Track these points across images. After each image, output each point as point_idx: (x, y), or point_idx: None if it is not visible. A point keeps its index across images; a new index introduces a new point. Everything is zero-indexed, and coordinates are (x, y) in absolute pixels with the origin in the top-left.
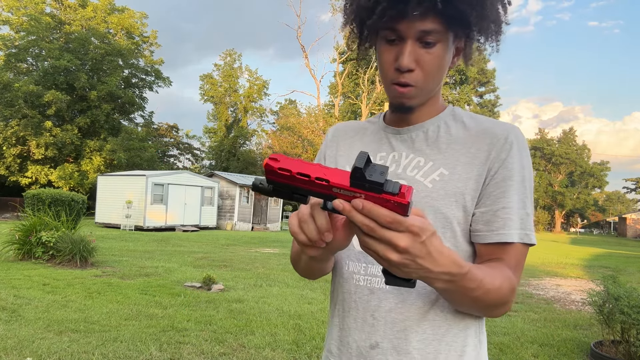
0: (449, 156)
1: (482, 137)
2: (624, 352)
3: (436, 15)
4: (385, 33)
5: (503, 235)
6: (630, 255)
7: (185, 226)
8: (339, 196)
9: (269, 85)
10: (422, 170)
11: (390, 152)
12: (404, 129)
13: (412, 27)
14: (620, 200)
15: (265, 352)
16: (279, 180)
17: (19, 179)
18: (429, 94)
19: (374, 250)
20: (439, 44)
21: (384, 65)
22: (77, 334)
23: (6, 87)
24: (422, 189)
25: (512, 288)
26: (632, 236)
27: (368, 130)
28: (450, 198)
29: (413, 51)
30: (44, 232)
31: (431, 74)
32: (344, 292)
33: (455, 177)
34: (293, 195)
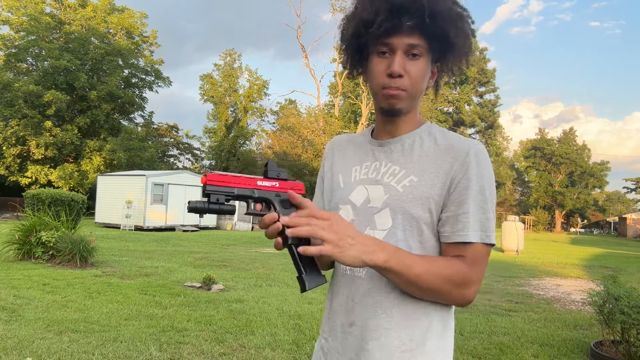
0: (419, 166)
1: (448, 150)
2: (624, 352)
3: (421, 32)
4: (378, 47)
5: (463, 236)
6: (630, 255)
7: (185, 226)
8: (262, 188)
9: (269, 85)
10: (396, 177)
11: (373, 162)
12: (385, 142)
13: (401, 41)
14: (620, 200)
15: (265, 352)
16: (218, 183)
17: (19, 179)
18: (413, 101)
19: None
20: (422, 57)
21: (376, 74)
22: (77, 334)
23: (6, 87)
24: (394, 192)
25: (464, 279)
26: (632, 236)
27: (358, 141)
28: (417, 201)
29: (402, 61)
30: (43, 232)
31: (417, 81)
32: (335, 280)
33: (422, 184)
34: (224, 204)
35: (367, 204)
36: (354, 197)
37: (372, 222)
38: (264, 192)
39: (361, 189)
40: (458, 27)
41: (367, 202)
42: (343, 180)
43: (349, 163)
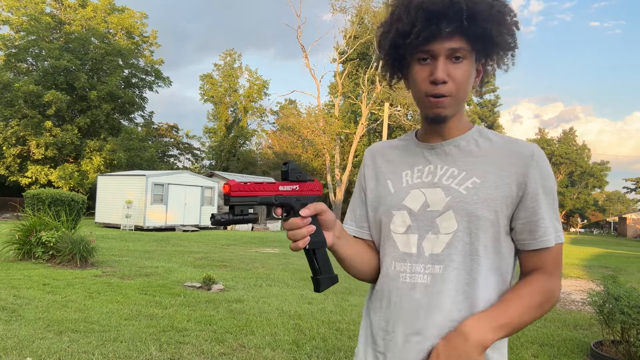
0: (480, 167)
1: (509, 153)
2: (624, 352)
3: (462, 34)
4: (418, 55)
5: (545, 241)
6: (630, 255)
7: (185, 226)
8: (284, 193)
9: (269, 85)
10: (457, 179)
11: (426, 165)
12: (437, 144)
13: (442, 46)
14: (620, 200)
15: (265, 352)
16: (242, 193)
17: (19, 179)
18: (459, 105)
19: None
20: (465, 60)
21: (419, 81)
22: (77, 334)
23: (6, 87)
24: (457, 195)
25: (551, 294)
26: (632, 236)
27: (401, 147)
28: (483, 203)
29: (445, 66)
30: (44, 232)
31: (461, 85)
32: (391, 289)
33: (486, 185)
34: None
35: (426, 208)
36: (410, 202)
37: (434, 226)
38: (285, 197)
39: (417, 193)
40: (500, 24)
41: (426, 206)
42: (393, 186)
43: (398, 168)
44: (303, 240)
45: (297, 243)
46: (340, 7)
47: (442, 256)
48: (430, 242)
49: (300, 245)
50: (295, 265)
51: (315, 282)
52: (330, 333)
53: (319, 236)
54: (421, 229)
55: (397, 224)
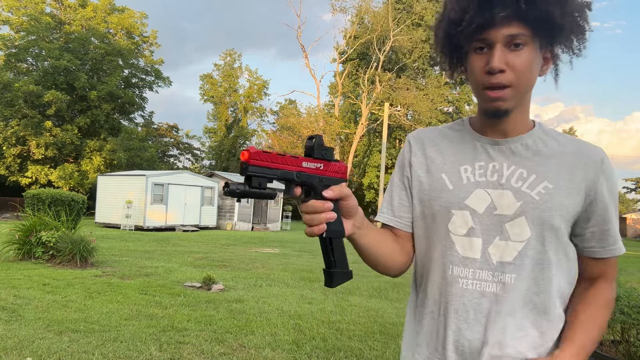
0: (551, 170)
1: (578, 156)
2: (624, 352)
3: (520, 19)
4: (474, 44)
5: (615, 250)
6: (630, 255)
7: (185, 226)
8: (307, 170)
9: (269, 85)
10: (527, 182)
11: (490, 162)
12: (502, 140)
13: (499, 33)
14: (620, 200)
15: (265, 352)
16: (261, 163)
17: (19, 179)
18: (522, 97)
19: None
20: (526, 46)
21: (475, 72)
22: (77, 334)
23: (6, 87)
24: (529, 200)
25: (613, 299)
26: (632, 236)
27: (454, 137)
28: (556, 211)
29: (502, 54)
30: (44, 232)
31: (522, 73)
32: (449, 294)
33: (559, 192)
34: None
35: (492, 211)
36: (473, 203)
37: (503, 231)
38: (307, 175)
39: (481, 193)
40: (563, 4)
41: (493, 208)
42: (451, 181)
43: (454, 161)
44: (319, 227)
45: (313, 229)
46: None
47: (513, 265)
48: (498, 249)
49: (316, 231)
50: (295, 265)
51: (328, 276)
52: (330, 333)
53: (339, 225)
54: (486, 233)
55: (458, 224)
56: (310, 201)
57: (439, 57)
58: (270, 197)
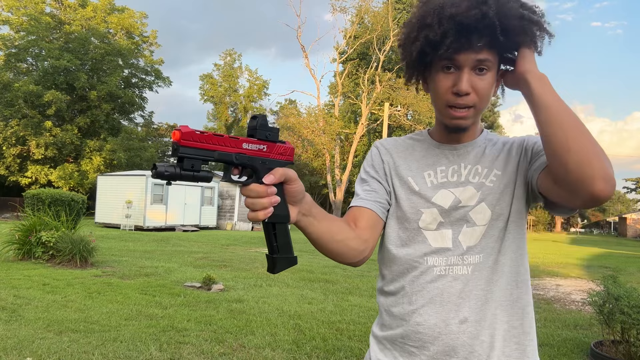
0: (499, 160)
1: (509, 142)
2: (624, 352)
3: (490, 47)
4: (443, 63)
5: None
6: (630, 255)
7: (185, 226)
8: (248, 152)
9: (269, 85)
10: (482, 175)
11: (450, 166)
12: (460, 146)
13: (469, 57)
14: (620, 200)
15: (265, 352)
16: (196, 144)
17: (19, 179)
18: (479, 116)
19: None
20: (489, 72)
21: (441, 90)
22: (77, 334)
23: (6, 87)
24: (486, 188)
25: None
26: (632, 236)
27: (417, 146)
28: (508, 187)
29: (469, 77)
30: (43, 232)
31: (484, 97)
32: (424, 283)
33: (506, 173)
34: (200, 171)
35: (457, 204)
36: (439, 200)
37: (468, 219)
38: (248, 157)
39: (445, 192)
40: (533, 34)
41: (458, 202)
42: (415, 182)
43: (417, 168)
44: (264, 212)
45: (257, 213)
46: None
47: (479, 246)
48: (466, 235)
49: (260, 216)
50: (295, 265)
51: (270, 262)
52: (330, 333)
53: (282, 209)
54: (455, 224)
55: (428, 221)
56: (251, 185)
57: (404, 66)
58: (205, 179)
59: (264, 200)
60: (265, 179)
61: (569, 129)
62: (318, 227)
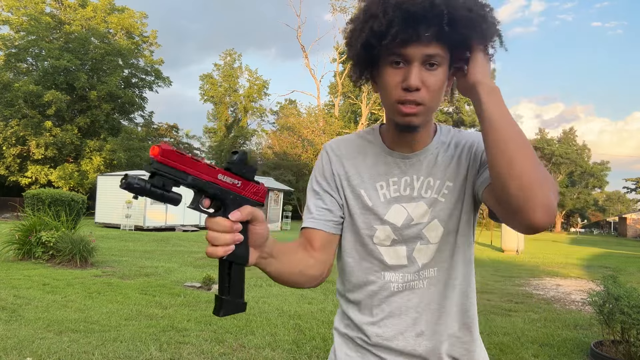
0: (449, 169)
1: (463, 147)
2: (624, 352)
3: (439, 40)
4: (391, 58)
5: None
6: (630, 255)
7: (185, 226)
8: (221, 184)
9: (269, 85)
10: (434, 189)
11: (402, 177)
12: (411, 155)
13: (418, 51)
14: (620, 200)
15: (265, 352)
16: (172, 164)
17: (19, 179)
18: (431, 114)
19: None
20: (440, 67)
21: (390, 85)
22: (77, 334)
23: (6, 87)
24: (437, 204)
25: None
26: (632, 236)
27: (368, 151)
28: (459, 201)
29: (419, 73)
30: (43, 232)
31: (435, 93)
32: (383, 298)
33: (457, 184)
34: (170, 191)
35: (410, 222)
36: (392, 217)
37: (422, 237)
38: (221, 189)
39: (398, 208)
40: (482, 29)
41: (410, 220)
42: (368, 196)
43: (370, 177)
44: (224, 248)
45: (217, 249)
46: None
47: (433, 261)
48: (421, 252)
49: (219, 252)
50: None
51: (218, 303)
52: (330, 333)
53: (244, 249)
54: (409, 241)
55: (382, 238)
56: (217, 217)
57: (350, 63)
58: (172, 201)
59: (227, 236)
60: (232, 214)
61: (513, 151)
62: (276, 266)
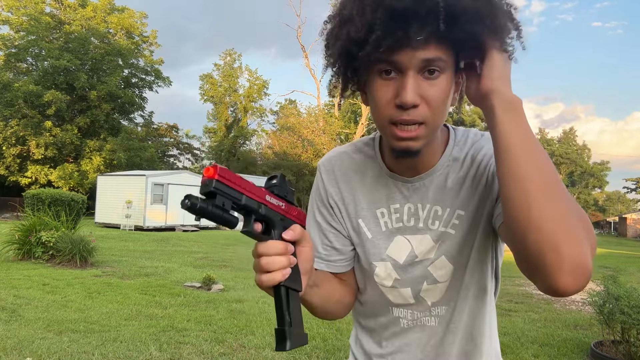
0: (462, 194)
1: (472, 163)
2: (624, 352)
3: (439, 41)
4: (379, 66)
5: None
6: (630, 255)
7: (185, 226)
8: (270, 205)
9: (269, 85)
10: (442, 219)
11: (405, 204)
12: (415, 179)
13: (412, 57)
14: (620, 200)
15: (265, 352)
16: (229, 183)
17: (19, 179)
18: (434, 133)
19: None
20: (443, 74)
21: (381, 103)
22: (77, 334)
23: (6, 87)
24: (446, 238)
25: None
26: (632, 236)
27: (366, 170)
28: (471, 233)
29: (416, 85)
30: (43, 232)
31: (437, 108)
32: (393, 332)
33: (469, 213)
34: (228, 213)
35: (414, 259)
36: (394, 253)
37: (428, 276)
38: (270, 211)
39: (401, 240)
40: (494, 22)
41: (414, 256)
42: (367, 227)
43: (369, 203)
44: (282, 272)
45: (274, 275)
46: None
47: (444, 300)
48: (429, 292)
49: (277, 277)
50: None
51: (281, 336)
52: (330, 333)
53: (297, 274)
54: (414, 281)
55: (382, 276)
56: (269, 241)
57: (331, 75)
58: (229, 224)
59: (283, 258)
60: (285, 234)
61: (533, 192)
62: (320, 295)
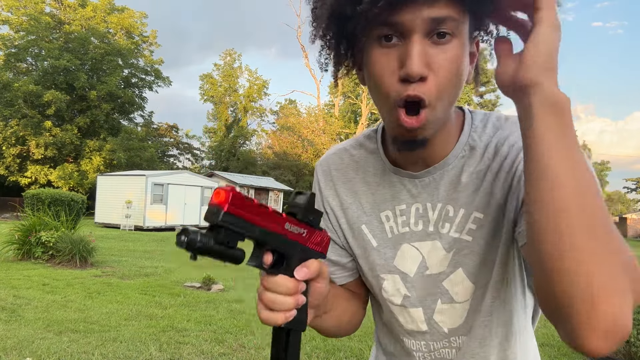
0: (479, 194)
1: (495, 155)
2: (624, 352)
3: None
4: (377, 31)
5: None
6: None
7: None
8: (290, 235)
9: (269, 85)
10: (455, 223)
11: (412, 204)
12: (423, 173)
13: (417, 16)
14: (620, 200)
15: (266, 352)
16: (241, 214)
17: (19, 178)
18: (446, 114)
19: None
20: (456, 38)
21: (380, 76)
22: (77, 334)
23: (6, 87)
24: (462, 246)
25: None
26: (633, 236)
27: (367, 167)
28: (494, 241)
29: (423, 51)
30: (43, 232)
31: (450, 81)
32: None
33: (490, 217)
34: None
35: (424, 272)
36: (402, 264)
37: (443, 292)
38: (289, 241)
39: (408, 249)
40: None
41: (425, 268)
42: (372, 234)
43: (372, 206)
44: (285, 315)
45: (276, 316)
46: None
47: (465, 327)
48: (444, 315)
49: (279, 320)
50: None
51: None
52: None
53: (303, 313)
54: (426, 299)
55: (390, 292)
56: (279, 276)
57: (321, 46)
58: (234, 260)
59: (289, 299)
60: (298, 272)
61: (572, 228)
62: (332, 319)
